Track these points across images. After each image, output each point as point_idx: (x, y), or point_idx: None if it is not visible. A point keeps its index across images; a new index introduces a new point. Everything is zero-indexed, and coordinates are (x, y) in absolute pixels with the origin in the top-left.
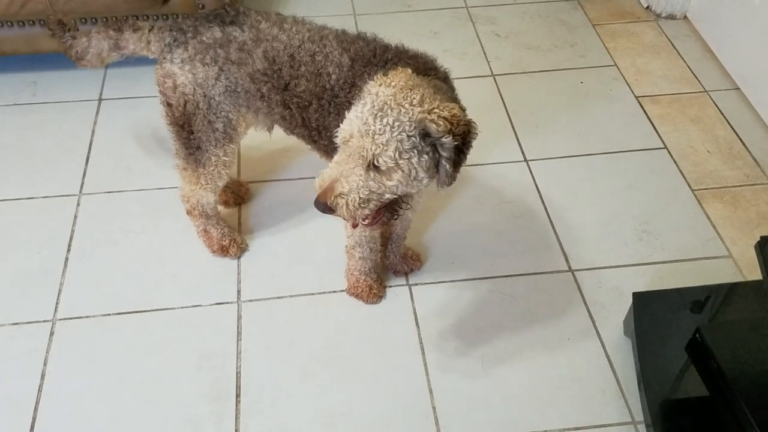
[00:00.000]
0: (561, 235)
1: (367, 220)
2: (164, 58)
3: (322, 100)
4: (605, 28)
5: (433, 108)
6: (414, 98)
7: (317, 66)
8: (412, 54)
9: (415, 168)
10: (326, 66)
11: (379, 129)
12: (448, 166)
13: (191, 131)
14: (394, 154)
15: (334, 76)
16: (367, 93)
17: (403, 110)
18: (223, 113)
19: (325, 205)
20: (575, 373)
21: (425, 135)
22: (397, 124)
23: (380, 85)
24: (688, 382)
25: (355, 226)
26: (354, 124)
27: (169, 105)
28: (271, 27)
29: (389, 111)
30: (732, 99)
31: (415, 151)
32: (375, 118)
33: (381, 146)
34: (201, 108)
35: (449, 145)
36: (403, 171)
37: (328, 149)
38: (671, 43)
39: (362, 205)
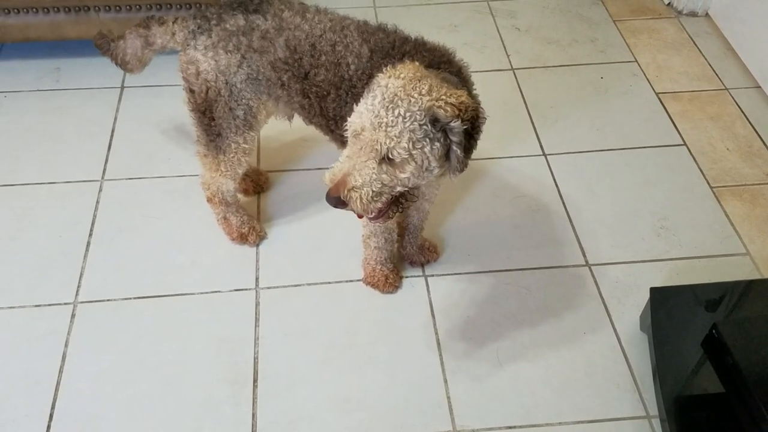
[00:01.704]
0: (578, 230)
1: (373, 214)
2: (188, 45)
3: (340, 90)
4: (626, 24)
5: (441, 95)
6: (422, 88)
7: (337, 56)
8: (430, 47)
9: (427, 158)
10: (346, 56)
11: (391, 121)
12: (459, 152)
13: (212, 118)
14: (408, 145)
15: (353, 67)
16: (376, 85)
17: (412, 100)
18: (244, 101)
19: (337, 199)
20: (590, 366)
21: (434, 121)
22: (408, 114)
23: (389, 77)
24: (704, 378)
25: (360, 217)
26: (365, 117)
27: (191, 91)
28: (294, 16)
29: (399, 102)
30: (752, 97)
31: (427, 140)
32: (386, 110)
33: (394, 138)
34: (222, 95)
35: (458, 130)
36: (416, 162)
37: (345, 139)
38: (692, 40)
39: (375, 199)
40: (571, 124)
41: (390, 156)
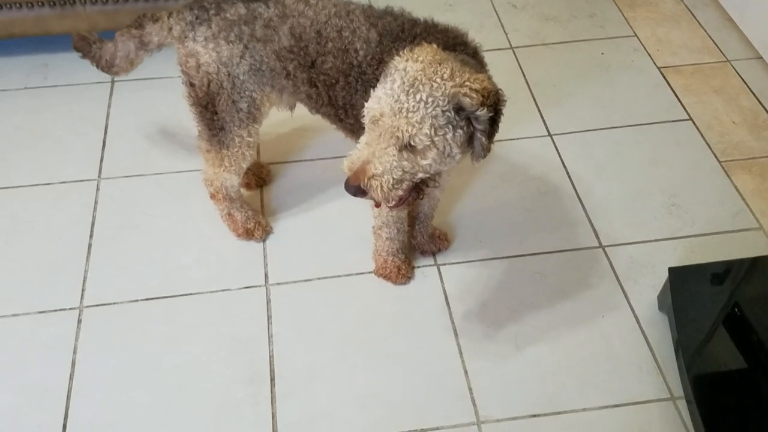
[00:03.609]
0: (589, 211)
1: (393, 202)
2: (186, 37)
3: (349, 77)
4: None
5: (465, 81)
6: (444, 72)
7: (344, 42)
8: (442, 28)
9: (449, 144)
10: (354, 42)
11: (413, 106)
12: (483, 139)
13: (215, 112)
14: (430, 132)
15: (361, 53)
16: (394, 69)
17: (435, 85)
18: (247, 92)
19: (357, 188)
20: (610, 350)
21: (459, 109)
22: (431, 99)
23: (407, 60)
24: (727, 357)
25: (378, 206)
26: (384, 102)
27: (191, 85)
28: (297, 2)
29: (421, 87)
30: (755, 68)
31: (450, 127)
32: (407, 95)
33: (416, 125)
34: (225, 87)
35: (484, 118)
36: (438, 149)
37: (354, 128)
38: (690, 12)
39: (395, 186)
40: (575, 102)
41: (411, 143)
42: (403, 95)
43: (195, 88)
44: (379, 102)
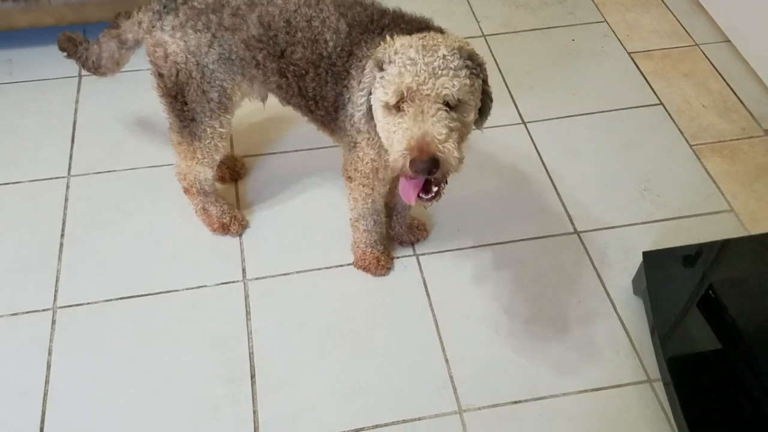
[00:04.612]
0: (564, 197)
1: (430, 194)
2: (153, 27)
3: (319, 68)
4: None
5: (456, 39)
6: (437, 38)
7: (314, 32)
8: (409, 18)
9: (477, 98)
10: (323, 32)
11: (441, 64)
12: (489, 89)
13: (185, 102)
14: (467, 81)
15: (331, 43)
16: (392, 53)
17: (444, 43)
18: (217, 82)
19: (432, 160)
20: (588, 334)
21: (469, 58)
22: (451, 54)
23: (394, 43)
24: (702, 338)
25: (420, 198)
26: (407, 76)
27: (160, 75)
28: None
29: (435, 47)
30: (723, 51)
31: (474, 77)
32: (429, 57)
33: (454, 78)
34: (194, 77)
35: (485, 66)
36: (474, 102)
37: (325, 120)
38: None
39: (460, 149)
40: (548, 89)
41: (458, 98)
42: (426, 58)
43: (164, 79)
44: (401, 77)
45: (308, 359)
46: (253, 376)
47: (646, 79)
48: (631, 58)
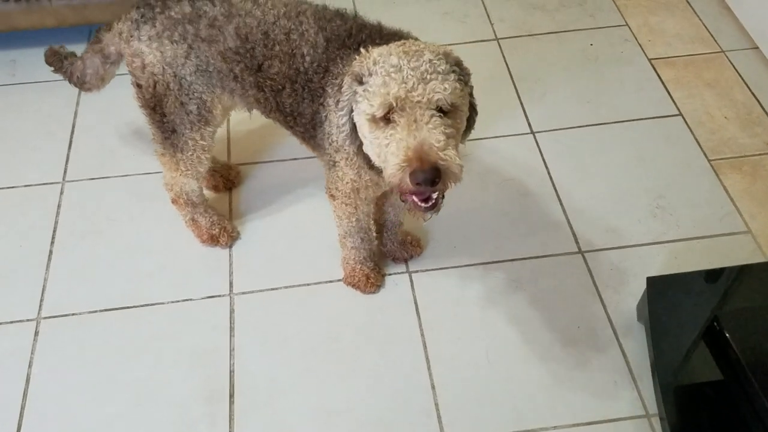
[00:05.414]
0: (570, 214)
1: (430, 202)
2: (131, 36)
3: (295, 84)
4: None
5: (438, 47)
6: (419, 44)
7: (292, 46)
8: (387, 32)
9: (466, 106)
10: (301, 46)
11: (429, 68)
12: (474, 100)
13: (163, 114)
14: (457, 85)
15: (308, 58)
16: (370, 63)
17: (428, 48)
18: (196, 94)
19: (434, 169)
20: (585, 363)
21: (456, 65)
22: (437, 58)
23: (371, 54)
24: (703, 370)
25: (424, 208)
26: (393, 86)
27: (139, 86)
28: (245, 1)
29: (420, 53)
30: (750, 59)
31: (461, 82)
32: (415, 62)
33: (444, 82)
34: (172, 89)
35: (470, 75)
36: (464, 108)
37: (305, 137)
38: None
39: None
40: (560, 97)
41: (449, 104)
42: (412, 63)
43: (142, 90)
44: (387, 87)
45: (291, 379)
46: (231, 395)
47: (666, 87)
48: (652, 65)
